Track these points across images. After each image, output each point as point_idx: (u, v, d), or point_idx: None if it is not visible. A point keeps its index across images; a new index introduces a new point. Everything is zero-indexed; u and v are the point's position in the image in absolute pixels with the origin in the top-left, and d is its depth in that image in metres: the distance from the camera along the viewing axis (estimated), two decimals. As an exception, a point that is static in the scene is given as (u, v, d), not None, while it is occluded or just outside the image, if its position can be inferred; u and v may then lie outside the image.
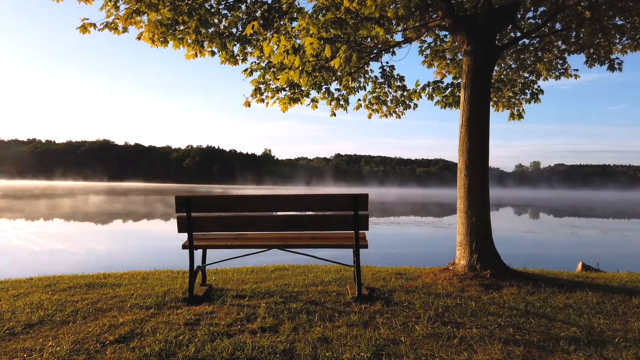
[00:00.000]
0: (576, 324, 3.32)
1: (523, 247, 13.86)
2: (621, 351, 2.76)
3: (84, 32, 5.01)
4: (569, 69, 6.70)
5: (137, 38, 5.36)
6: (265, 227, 4.08)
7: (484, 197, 4.99)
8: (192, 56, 5.78)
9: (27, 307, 3.63)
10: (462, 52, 5.36)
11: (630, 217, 31.40)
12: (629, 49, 5.83)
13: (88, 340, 2.89)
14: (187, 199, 3.84)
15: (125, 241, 13.89)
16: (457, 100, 6.86)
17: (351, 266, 4.27)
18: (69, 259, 10.16)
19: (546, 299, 4.05)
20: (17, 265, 9.16)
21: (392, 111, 7.39)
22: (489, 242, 4.94)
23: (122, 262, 9.33)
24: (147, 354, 2.65)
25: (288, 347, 2.78)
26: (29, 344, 2.82)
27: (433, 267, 5.60)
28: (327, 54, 4.47)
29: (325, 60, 5.77)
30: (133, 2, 4.94)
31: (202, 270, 4.37)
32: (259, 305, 3.71)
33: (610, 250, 13.78)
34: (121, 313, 3.50)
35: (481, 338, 2.97)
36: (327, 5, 5.38)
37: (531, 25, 6.04)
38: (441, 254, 10.87)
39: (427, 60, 7.08)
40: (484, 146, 5.05)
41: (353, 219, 3.88)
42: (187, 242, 3.94)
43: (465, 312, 3.55)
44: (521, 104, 7.09)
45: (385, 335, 3.01)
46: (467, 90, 5.09)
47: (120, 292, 4.21)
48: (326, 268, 5.73)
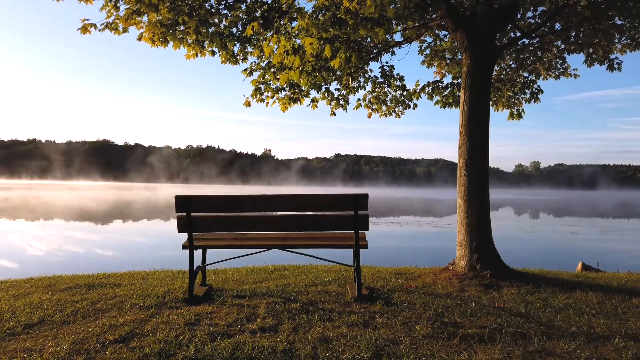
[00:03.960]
0: (576, 324, 3.32)
1: (523, 247, 13.86)
2: (621, 351, 2.76)
3: (85, 33, 5.02)
4: (568, 68, 6.71)
5: (137, 38, 5.37)
6: (265, 227, 4.08)
7: (484, 197, 4.99)
8: (193, 56, 5.79)
9: (27, 307, 3.63)
10: (461, 51, 5.36)
11: (630, 217, 31.40)
12: (628, 49, 5.84)
13: (88, 340, 2.89)
14: (187, 199, 3.84)
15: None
16: (456, 100, 6.86)
17: (351, 266, 4.27)
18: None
19: (546, 299, 4.05)
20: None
21: (391, 110, 7.39)
22: (489, 242, 4.95)
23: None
24: (147, 354, 2.65)
25: (288, 347, 2.78)
26: (28, 344, 2.82)
27: (433, 267, 5.60)
28: (327, 54, 4.47)
29: (325, 60, 5.77)
30: (133, 2, 4.94)
31: (202, 270, 4.36)
32: (259, 305, 3.71)
33: (610, 250, 13.78)
34: (121, 313, 3.50)
35: (481, 338, 2.97)
36: (326, 5, 5.38)
37: (531, 25, 6.04)
38: (441, 254, 10.88)
39: (427, 60, 7.09)
40: (484, 146, 5.05)
41: (353, 219, 3.88)
42: (187, 242, 3.94)
43: (465, 312, 3.55)
44: (521, 104, 7.10)
45: (385, 335, 3.01)
46: (467, 90, 5.09)
47: (120, 292, 4.21)
48: (326, 268, 5.73)
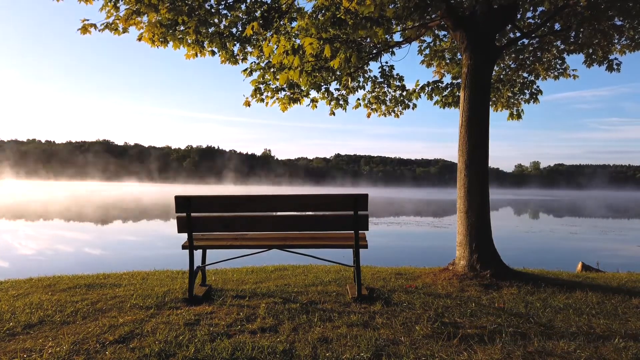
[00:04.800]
0: (576, 324, 3.32)
1: (523, 247, 13.87)
2: (621, 351, 2.76)
3: (85, 33, 5.02)
4: (567, 68, 6.71)
5: (137, 39, 5.36)
6: (265, 227, 4.08)
7: (483, 197, 4.99)
8: (192, 56, 5.78)
9: (27, 308, 3.62)
10: (461, 52, 5.36)
11: (630, 217, 31.40)
12: (627, 49, 5.84)
13: (88, 340, 2.89)
14: (187, 199, 3.84)
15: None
16: (456, 100, 6.87)
17: (351, 266, 4.27)
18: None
19: (546, 299, 4.05)
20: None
21: (391, 110, 7.40)
22: (489, 242, 4.95)
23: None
24: (147, 354, 2.65)
25: (288, 347, 2.78)
26: (28, 345, 2.82)
27: (433, 267, 5.60)
28: (327, 54, 4.47)
29: (324, 61, 5.77)
30: (133, 2, 4.94)
31: (202, 270, 4.36)
32: (259, 305, 3.71)
33: (610, 249, 13.78)
34: (121, 313, 3.49)
35: (481, 338, 2.97)
36: (326, 5, 5.38)
37: (531, 25, 6.04)
38: (441, 254, 10.87)
39: (427, 60, 7.09)
40: (484, 146, 5.05)
41: (353, 219, 3.88)
42: (187, 242, 3.94)
43: (465, 312, 3.55)
44: (520, 104, 7.11)
45: (385, 335, 3.01)
46: (467, 90, 5.09)
47: (120, 292, 4.21)
48: (326, 268, 5.73)
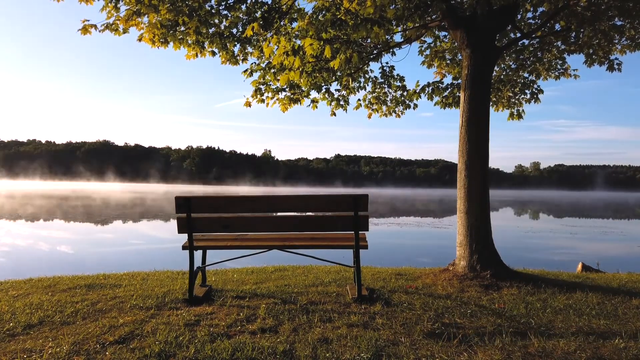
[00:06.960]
0: (576, 324, 3.31)
1: (523, 247, 13.86)
2: (621, 352, 2.75)
3: (85, 34, 5.02)
4: (568, 68, 6.71)
5: (138, 39, 5.36)
6: (265, 227, 4.08)
7: (484, 197, 4.99)
8: (193, 56, 5.78)
9: (26, 308, 3.62)
10: (461, 52, 5.36)
11: (630, 218, 31.39)
12: (628, 50, 5.83)
13: (88, 341, 2.88)
14: (187, 200, 3.84)
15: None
16: (456, 101, 6.87)
17: (351, 267, 4.27)
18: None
19: (546, 299, 4.05)
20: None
21: (391, 111, 7.40)
22: (489, 242, 4.94)
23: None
24: (147, 354, 2.65)
25: (288, 347, 2.78)
26: (28, 345, 2.82)
27: (433, 268, 5.60)
28: (327, 54, 4.47)
29: (325, 61, 5.77)
30: (133, 3, 4.94)
31: (202, 271, 4.36)
32: (259, 306, 3.71)
33: (610, 249, 13.77)
34: (121, 314, 3.49)
35: (481, 339, 2.97)
36: (326, 5, 5.38)
37: (531, 25, 6.04)
38: (441, 255, 10.87)
39: (427, 60, 7.08)
40: (484, 147, 5.04)
41: (353, 220, 3.88)
42: (187, 243, 3.94)
43: (465, 313, 3.55)
44: (521, 104, 7.11)
45: (385, 335, 3.01)
46: (467, 91, 5.09)
47: (120, 292, 4.21)
48: (326, 269, 5.73)
